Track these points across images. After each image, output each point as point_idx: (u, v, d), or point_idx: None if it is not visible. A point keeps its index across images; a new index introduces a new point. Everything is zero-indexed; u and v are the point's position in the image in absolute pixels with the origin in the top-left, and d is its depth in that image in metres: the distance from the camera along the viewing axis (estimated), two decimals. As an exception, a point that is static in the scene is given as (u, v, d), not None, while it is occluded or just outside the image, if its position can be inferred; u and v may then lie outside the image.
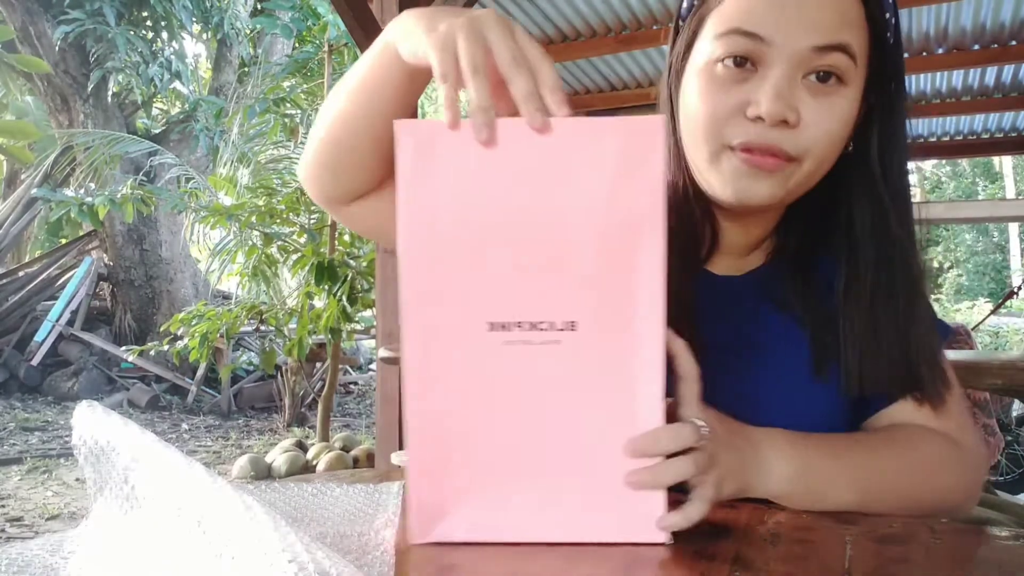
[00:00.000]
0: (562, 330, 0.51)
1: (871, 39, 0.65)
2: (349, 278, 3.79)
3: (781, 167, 0.64)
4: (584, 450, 0.52)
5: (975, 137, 5.36)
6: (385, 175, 0.68)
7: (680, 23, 0.72)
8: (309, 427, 5.66)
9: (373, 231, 0.79)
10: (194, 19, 7.48)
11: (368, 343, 7.90)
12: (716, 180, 0.67)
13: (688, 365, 0.54)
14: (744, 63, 0.64)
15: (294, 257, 4.25)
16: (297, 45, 6.15)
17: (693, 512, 0.51)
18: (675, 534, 0.52)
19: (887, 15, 0.66)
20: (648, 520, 0.51)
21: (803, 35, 0.62)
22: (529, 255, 0.51)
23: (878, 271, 0.70)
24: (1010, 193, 17.07)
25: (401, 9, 2.89)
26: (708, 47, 0.66)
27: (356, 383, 7.85)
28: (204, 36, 8.67)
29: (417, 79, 0.61)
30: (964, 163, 18.57)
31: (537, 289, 0.51)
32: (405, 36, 0.56)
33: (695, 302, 0.69)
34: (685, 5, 0.72)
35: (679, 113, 0.70)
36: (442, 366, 0.52)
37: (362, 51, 2.91)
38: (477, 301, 0.51)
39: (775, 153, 0.63)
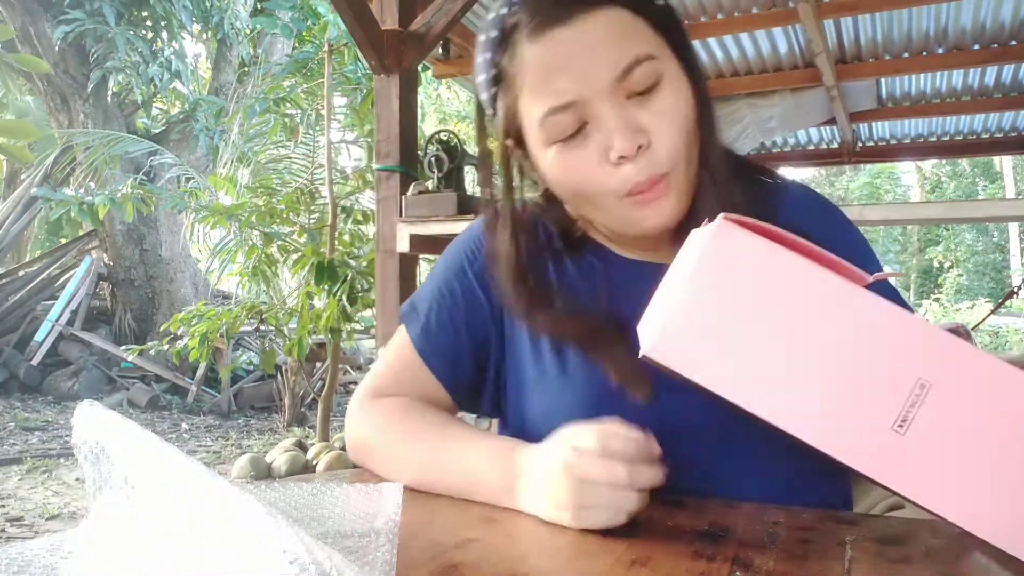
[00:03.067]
0: None
1: (656, 25, 0.67)
2: (349, 278, 3.78)
3: (664, 190, 0.66)
4: None
5: (975, 137, 5.35)
6: None
7: (490, 112, 0.73)
8: (309, 427, 5.66)
9: None
10: (194, 19, 7.48)
11: (368, 343, 7.90)
12: (615, 223, 0.71)
13: None
14: (577, 130, 0.66)
15: (294, 257, 4.25)
16: (297, 45, 6.14)
17: None
18: (674, 536, 0.53)
19: None
20: None
21: (603, 73, 0.64)
22: None
23: None
24: (1010, 193, 17.06)
25: (401, 9, 2.76)
26: (537, 132, 0.68)
27: (356, 383, 7.85)
28: (204, 36, 8.67)
29: None
30: (964, 163, 18.56)
31: None
32: (539, 507, 0.59)
33: (613, 283, 0.74)
34: (485, 96, 0.72)
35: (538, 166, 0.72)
36: None
37: (362, 51, 2.76)
38: None
39: (656, 180, 0.65)
